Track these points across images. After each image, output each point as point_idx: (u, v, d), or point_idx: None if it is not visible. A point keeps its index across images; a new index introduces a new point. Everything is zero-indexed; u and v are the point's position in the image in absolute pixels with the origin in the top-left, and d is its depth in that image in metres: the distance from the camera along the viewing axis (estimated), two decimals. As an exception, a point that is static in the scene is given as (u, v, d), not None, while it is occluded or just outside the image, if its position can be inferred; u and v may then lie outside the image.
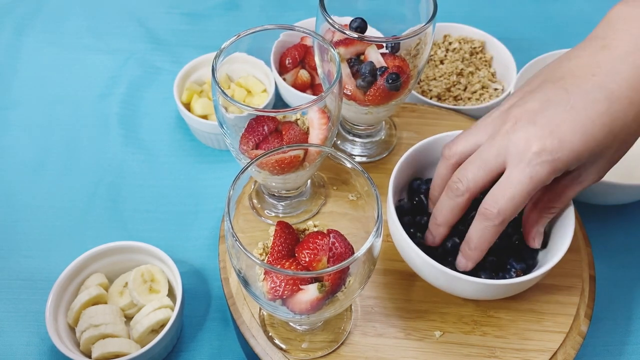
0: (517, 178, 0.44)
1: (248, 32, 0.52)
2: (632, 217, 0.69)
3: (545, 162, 0.43)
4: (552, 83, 0.45)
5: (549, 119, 0.43)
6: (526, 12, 0.96)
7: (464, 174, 0.47)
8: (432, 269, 0.48)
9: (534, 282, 0.48)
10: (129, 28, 0.91)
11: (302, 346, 0.51)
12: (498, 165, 0.45)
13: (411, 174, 0.56)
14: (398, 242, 0.51)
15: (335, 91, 0.49)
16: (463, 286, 0.48)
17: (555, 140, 0.43)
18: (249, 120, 0.50)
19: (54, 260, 0.64)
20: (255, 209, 0.58)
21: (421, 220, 0.54)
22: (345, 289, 0.44)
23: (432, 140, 0.55)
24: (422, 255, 0.47)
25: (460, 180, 0.47)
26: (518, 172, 0.44)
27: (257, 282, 0.44)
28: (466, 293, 0.49)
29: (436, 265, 0.47)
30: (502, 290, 0.49)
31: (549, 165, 0.43)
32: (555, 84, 0.45)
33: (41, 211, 0.69)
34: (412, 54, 0.56)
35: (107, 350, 0.53)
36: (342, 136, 0.67)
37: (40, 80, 0.83)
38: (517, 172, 0.44)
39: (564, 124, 0.43)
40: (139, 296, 0.56)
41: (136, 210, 0.69)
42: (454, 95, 0.76)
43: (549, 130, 0.43)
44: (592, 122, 0.43)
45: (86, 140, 0.76)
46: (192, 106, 0.74)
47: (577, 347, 0.51)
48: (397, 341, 0.51)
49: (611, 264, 0.65)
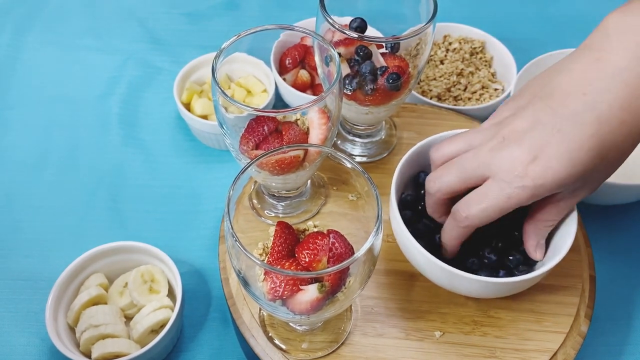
0: (495, 193, 0.44)
1: (248, 32, 0.52)
2: (633, 217, 0.69)
3: (526, 187, 0.43)
4: (541, 100, 0.44)
5: (535, 141, 0.43)
6: (526, 12, 0.96)
7: (439, 175, 0.48)
8: (434, 266, 0.47)
9: (535, 280, 0.48)
10: (129, 28, 0.91)
11: (302, 346, 0.51)
12: (476, 177, 0.45)
13: (414, 171, 0.56)
14: (401, 240, 0.51)
15: (335, 91, 0.49)
16: (464, 284, 0.48)
17: (538, 167, 0.42)
18: (249, 120, 0.50)
19: (54, 260, 0.64)
20: (255, 209, 0.58)
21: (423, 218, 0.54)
22: (346, 289, 0.44)
23: (438, 138, 0.55)
24: (423, 252, 0.48)
25: (433, 180, 0.48)
26: (498, 188, 0.44)
27: (257, 283, 0.44)
28: (467, 291, 0.49)
29: (437, 262, 0.47)
30: (504, 289, 0.49)
31: (529, 191, 0.43)
32: (544, 101, 0.44)
33: (41, 211, 0.69)
34: (412, 54, 0.56)
35: (107, 350, 0.53)
36: (342, 136, 0.67)
37: (40, 80, 0.83)
38: (496, 188, 0.44)
39: (549, 148, 0.42)
40: (138, 296, 0.56)
41: (136, 210, 0.69)
42: (454, 95, 0.76)
43: (534, 154, 0.43)
44: (580, 147, 0.42)
45: (86, 140, 0.76)
46: (192, 106, 0.74)
47: (577, 347, 0.51)
48: (397, 341, 0.51)
49: (611, 264, 0.65)
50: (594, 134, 0.42)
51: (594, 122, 0.42)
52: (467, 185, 0.46)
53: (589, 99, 0.42)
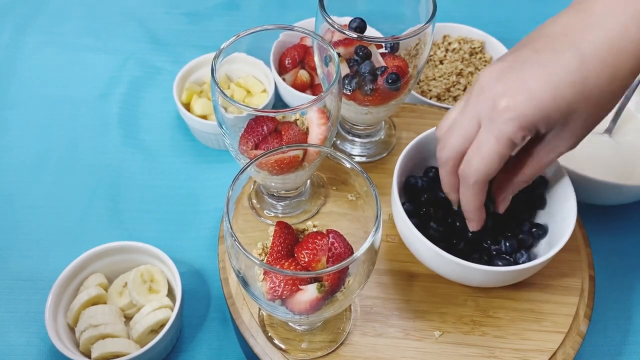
0: (486, 138, 0.43)
1: (248, 32, 0.52)
2: (633, 217, 0.69)
3: (510, 120, 0.42)
4: (523, 46, 0.44)
5: (516, 77, 0.42)
6: (526, 12, 0.96)
7: (444, 143, 0.48)
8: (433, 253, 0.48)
9: (537, 268, 0.49)
10: (129, 28, 0.91)
11: (301, 346, 0.51)
12: (474, 129, 0.45)
13: (414, 165, 0.57)
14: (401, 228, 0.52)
15: (334, 91, 0.49)
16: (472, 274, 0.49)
17: (521, 96, 0.41)
18: (249, 120, 0.50)
19: (53, 260, 0.64)
20: (254, 209, 0.58)
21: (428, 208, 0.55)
22: (345, 289, 0.44)
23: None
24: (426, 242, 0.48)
25: (440, 150, 0.48)
26: (487, 132, 0.43)
27: (257, 283, 0.44)
28: (475, 281, 0.50)
29: (437, 249, 0.48)
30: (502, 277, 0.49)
31: (515, 123, 0.42)
32: (526, 46, 0.44)
33: (41, 211, 0.69)
34: (411, 54, 0.56)
35: (106, 350, 0.53)
36: (342, 136, 0.67)
37: (40, 80, 0.83)
38: (485, 133, 0.44)
39: (531, 81, 0.42)
40: (138, 296, 0.56)
41: (136, 210, 0.69)
42: (454, 95, 0.76)
43: (516, 87, 0.42)
44: (561, 79, 0.41)
45: (86, 140, 0.76)
46: (192, 106, 0.74)
47: (577, 347, 0.51)
48: (396, 341, 0.51)
49: (611, 264, 0.65)
50: (575, 70, 0.41)
51: (576, 59, 0.41)
52: (471, 141, 0.45)
53: (570, 39, 0.42)
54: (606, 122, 0.71)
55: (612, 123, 0.71)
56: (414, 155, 0.56)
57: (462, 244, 0.54)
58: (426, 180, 0.57)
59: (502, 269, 0.48)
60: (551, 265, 0.55)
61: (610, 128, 0.71)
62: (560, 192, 0.54)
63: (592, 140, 0.70)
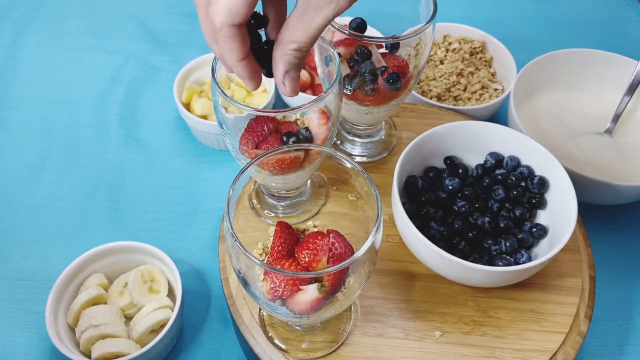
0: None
1: (248, 32, 0.52)
2: (632, 217, 0.69)
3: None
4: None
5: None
6: (526, 12, 0.96)
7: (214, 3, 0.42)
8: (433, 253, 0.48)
9: (538, 268, 0.49)
10: (129, 28, 0.91)
11: (301, 346, 0.51)
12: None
13: (414, 165, 0.57)
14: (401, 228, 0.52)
15: (335, 91, 0.49)
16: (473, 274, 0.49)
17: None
18: (249, 120, 0.50)
19: (54, 260, 0.64)
20: (255, 209, 0.58)
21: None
22: (345, 289, 0.44)
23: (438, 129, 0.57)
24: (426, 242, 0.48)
25: (213, 11, 0.42)
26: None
27: (257, 283, 0.44)
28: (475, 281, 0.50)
29: (437, 249, 0.48)
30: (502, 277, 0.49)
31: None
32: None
33: (41, 211, 0.69)
34: (411, 54, 0.56)
35: (106, 350, 0.53)
36: (342, 136, 0.67)
37: (40, 80, 0.83)
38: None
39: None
40: (138, 296, 0.56)
41: (136, 210, 0.69)
42: (454, 95, 0.76)
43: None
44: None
45: (86, 141, 0.76)
46: (192, 106, 0.74)
47: (577, 347, 0.51)
48: (396, 341, 0.51)
49: (611, 264, 0.65)
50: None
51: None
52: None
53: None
54: (606, 122, 0.71)
55: (612, 123, 0.71)
56: (414, 155, 0.56)
57: (462, 244, 0.54)
58: (426, 180, 0.58)
59: (503, 269, 0.48)
60: (551, 265, 0.55)
61: (610, 128, 0.71)
62: (561, 192, 0.54)
63: (592, 140, 0.70)
